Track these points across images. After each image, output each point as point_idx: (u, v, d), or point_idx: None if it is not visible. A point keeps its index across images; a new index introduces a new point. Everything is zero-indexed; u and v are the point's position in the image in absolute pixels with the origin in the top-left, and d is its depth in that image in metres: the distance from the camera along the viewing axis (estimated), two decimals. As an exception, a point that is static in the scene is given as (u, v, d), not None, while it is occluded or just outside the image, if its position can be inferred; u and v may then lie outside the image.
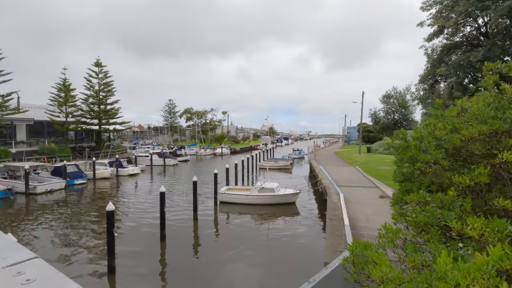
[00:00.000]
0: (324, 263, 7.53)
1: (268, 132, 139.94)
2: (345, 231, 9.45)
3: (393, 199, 3.84)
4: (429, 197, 2.64)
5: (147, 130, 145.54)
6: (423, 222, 2.30)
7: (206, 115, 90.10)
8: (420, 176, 3.60)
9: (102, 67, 41.26)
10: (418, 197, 2.69)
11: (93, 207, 19.77)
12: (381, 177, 20.55)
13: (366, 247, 2.49)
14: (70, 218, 17.27)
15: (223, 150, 63.16)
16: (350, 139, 73.78)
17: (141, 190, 25.77)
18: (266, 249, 12.62)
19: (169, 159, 42.58)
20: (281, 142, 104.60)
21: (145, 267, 10.72)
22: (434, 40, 7.93)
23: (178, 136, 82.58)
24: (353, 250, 2.56)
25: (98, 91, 41.37)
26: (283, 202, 18.76)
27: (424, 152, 3.15)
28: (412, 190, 3.62)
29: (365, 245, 2.51)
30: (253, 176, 32.47)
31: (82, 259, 11.54)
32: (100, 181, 29.63)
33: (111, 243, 9.48)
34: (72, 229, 15.23)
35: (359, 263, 2.50)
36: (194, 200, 15.61)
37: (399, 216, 2.84)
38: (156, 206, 19.26)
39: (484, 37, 8.10)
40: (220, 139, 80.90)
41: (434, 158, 2.77)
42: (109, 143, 45.09)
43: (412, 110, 42.08)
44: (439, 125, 2.88)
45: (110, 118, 42.06)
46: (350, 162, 31.75)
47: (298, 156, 51.93)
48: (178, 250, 12.39)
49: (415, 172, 3.62)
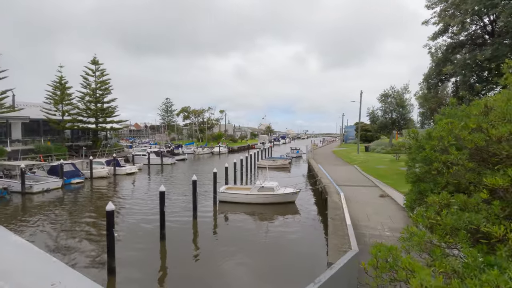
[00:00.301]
0: (328, 263, 7.47)
1: (266, 131, 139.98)
2: (348, 231, 9.39)
3: (407, 200, 3.76)
4: (452, 198, 2.55)
5: (143, 128, 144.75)
6: (450, 226, 2.21)
7: (204, 113, 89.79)
8: (436, 176, 3.52)
9: (99, 65, 40.86)
10: (440, 199, 2.60)
11: (90, 207, 19.55)
12: (380, 176, 20.56)
13: (391, 251, 2.39)
14: (67, 217, 17.06)
15: (220, 149, 62.96)
16: (348, 138, 73.93)
17: (139, 189, 25.57)
18: (267, 250, 12.54)
19: (166, 158, 42.33)
20: (278, 141, 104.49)
21: (146, 268, 10.58)
22: (438, 39, 7.88)
23: (176, 135, 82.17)
24: (376, 254, 2.46)
25: (94, 89, 40.97)
26: (282, 201, 18.69)
27: (444, 152, 3.05)
28: (427, 190, 3.54)
29: (389, 249, 2.41)
30: (251, 175, 32.34)
31: (80, 260, 11.37)
32: (97, 180, 29.34)
33: (111, 243, 9.33)
34: (70, 229, 15.03)
35: (383, 267, 2.40)
36: (193, 199, 15.47)
37: (421, 218, 2.74)
38: (154, 206, 19.12)
39: (489, 35, 8.04)
40: (218, 138, 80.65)
41: (456, 159, 2.67)
42: (106, 142, 44.66)
43: (409, 109, 42.19)
44: (461, 124, 2.78)
45: (107, 116, 41.71)
46: (349, 161, 31.77)
47: (296, 155, 51.90)
48: (178, 250, 12.26)
49: (429, 172, 3.54)
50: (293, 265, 10.92)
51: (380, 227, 11.66)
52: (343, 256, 7.36)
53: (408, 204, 3.55)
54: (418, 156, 3.75)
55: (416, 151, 3.81)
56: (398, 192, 15.21)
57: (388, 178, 19.39)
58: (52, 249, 12.51)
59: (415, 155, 3.87)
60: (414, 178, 3.80)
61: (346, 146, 61.04)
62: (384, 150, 38.19)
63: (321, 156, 39.01)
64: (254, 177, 32.15)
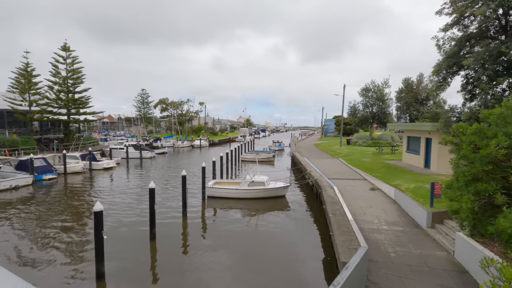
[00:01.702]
0: (342, 263, 7.20)
1: (245, 124, 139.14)
2: (352, 226, 9.21)
3: (465, 202, 3.45)
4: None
5: (117, 121, 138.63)
6: None
7: (182, 106, 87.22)
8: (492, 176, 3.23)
9: (70, 51, 37.94)
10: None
11: (65, 205, 18.12)
12: (367, 169, 20.81)
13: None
14: (40, 217, 15.63)
15: (201, 142, 61.60)
16: (328, 132, 75.15)
17: (118, 185, 24.16)
18: (260, 247, 12.15)
19: (145, 151, 40.61)
20: (258, 134, 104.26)
21: (138, 273, 9.83)
22: (448, 31, 7.75)
23: (153, 128, 79.28)
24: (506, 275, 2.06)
25: (66, 78, 38.09)
26: (273, 196, 18.39)
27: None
28: (487, 191, 3.24)
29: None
30: (235, 169, 31.76)
31: (57, 265, 10.36)
32: (72, 175, 27.45)
33: (100, 247, 8.48)
34: (43, 231, 13.73)
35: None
36: (183, 196, 14.70)
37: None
38: (138, 203, 18.09)
39: (503, 29, 7.99)
40: (198, 131, 78.88)
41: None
42: (79, 135, 41.98)
43: (389, 103, 43.36)
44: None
45: (80, 107, 39.06)
46: (333, 154, 32.08)
47: (278, 148, 51.91)
48: (170, 251, 11.54)
49: (492, 172, 3.25)
50: (290, 263, 10.64)
51: (377, 221, 11.67)
52: (355, 255, 7.12)
53: (465, 207, 3.20)
54: (472, 154, 3.41)
55: (468, 148, 3.48)
56: (388, 185, 15.39)
57: (375, 171, 19.63)
58: (23, 253, 11.32)
59: (467, 153, 3.54)
60: (469, 178, 3.46)
61: (326, 139, 61.98)
62: (365, 143, 39.04)
63: (304, 149, 39.15)
64: (239, 171, 31.65)
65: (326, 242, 12.34)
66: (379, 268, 8.01)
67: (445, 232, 10.05)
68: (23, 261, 10.69)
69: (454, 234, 9.67)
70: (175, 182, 24.58)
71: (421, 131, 19.80)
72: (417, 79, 54.82)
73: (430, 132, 18.61)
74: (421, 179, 15.73)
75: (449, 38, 7.66)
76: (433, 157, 18.35)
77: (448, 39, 7.70)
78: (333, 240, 8.64)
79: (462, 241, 8.31)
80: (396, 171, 19.00)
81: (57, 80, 37.91)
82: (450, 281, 7.52)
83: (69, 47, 37.84)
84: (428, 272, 7.94)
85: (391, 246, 9.38)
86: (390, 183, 15.57)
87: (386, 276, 7.74)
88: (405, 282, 7.52)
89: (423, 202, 11.88)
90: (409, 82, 54.36)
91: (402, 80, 54.77)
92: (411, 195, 12.87)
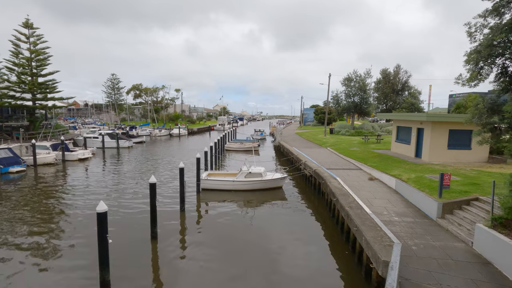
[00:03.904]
0: (383, 262, 6.85)
1: (222, 112, 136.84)
2: (375, 221, 8.94)
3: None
4: None
5: (84, 107, 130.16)
6: None
7: (158, 92, 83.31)
8: None
9: (34, 29, 33.99)
10: None
11: (37, 201, 16.32)
12: (360, 158, 20.95)
13: None
14: (7, 216, 13.90)
15: (180, 130, 59.41)
16: (307, 121, 75.82)
17: (97, 178, 22.31)
18: (268, 243, 11.64)
19: (123, 140, 38.22)
20: (236, 122, 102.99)
21: (143, 278, 8.91)
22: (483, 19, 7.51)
23: (127, 115, 75.13)
24: None
25: (29, 59, 34.25)
26: (270, 187, 17.89)
27: None
28: None
29: None
30: (220, 160, 30.81)
31: (25, 271, 9.16)
32: (42, 167, 25.02)
33: (104, 251, 7.45)
34: (11, 232, 12.18)
35: None
36: (181, 189, 13.68)
37: None
38: (124, 199, 16.74)
39: None
40: (175, 119, 76.00)
41: None
42: (47, 122, 38.41)
43: (370, 93, 44.25)
44: None
45: (47, 92, 35.50)
46: (320, 143, 32.17)
47: (260, 137, 51.40)
48: (173, 252, 10.66)
49: None
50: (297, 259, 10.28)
51: (386, 212, 11.57)
52: (394, 252, 6.81)
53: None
54: None
55: None
56: (388, 176, 15.46)
57: (369, 160, 19.78)
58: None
59: None
60: None
61: (307, 128, 62.44)
62: (348, 132, 39.67)
63: (289, 139, 38.99)
64: (223, 161, 30.80)
65: (332, 234, 12.12)
66: (407, 263, 7.81)
67: (458, 222, 10.14)
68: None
69: (469, 225, 9.80)
70: (162, 174, 23.26)
71: (413, 121, 20.13)
72: (394, 70, 56.70)
73: (423, 123, 18.96)
74: (418, 169, 15.97)
75: (481, 25, 7.41)
76: (425, 147, 18.76)
77: (480, 26, 7.44)
78: (360, 235, 8.30)
79: (484, 232, 8.33)
80: (389, 160, 19.24)
81: (19, 61, 33.95)
82: (477, 274, 7.50)
83: (32, 23, 33.84)
84: (454, 265, 7.88)
85: (410, 239, 9.27)
86: (389, 173, 15.65)
87: (416, 271, 7.55)
88: (435, 276, 7.38)
89: (429, 192, 11.97)
90: (386, 73, 56.06)
91: (380, 71, 56.32)
92: (416, 186, 12.94)
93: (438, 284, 7.06)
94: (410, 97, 51.63)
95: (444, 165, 16.89)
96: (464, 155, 18.17)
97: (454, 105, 23.31)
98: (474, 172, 14.63)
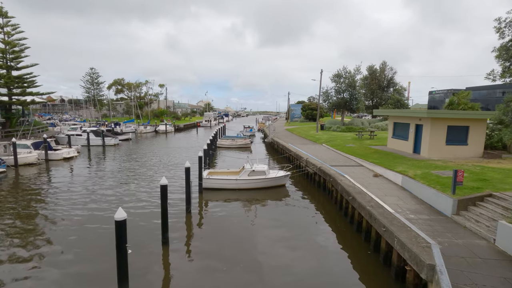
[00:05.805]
0: (429, 265, 6.61)
1: (206, 108, 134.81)
2: (402, 220, 8.75)
3: None
4: None
5: (60, 103, 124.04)
6: None
7: (141, 87, 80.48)
8: None
9: (8, 18, 31.46)
10: None
11: (19, 205, 15.06)
12: (360, 155, 20.95)
13: None
14: None
15: (167, 127, 57.74)
16: (294, 117, 76.03)
17: (85, 178, 20.98)
18: (281, 249, 11.27)
19: (108, 138, 36.49)
20: (222, 118, 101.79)
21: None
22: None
23: (109, 111, 72.10)
24: None
25: (4, 51, 31.72)
26: (273, 185, 17.50)
27: None
28: None
29: None
30: (211, 157, 30.06)
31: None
32: (24, 168, 23.31)
33: (123, 262, 6.77)
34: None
35: None
36: (187, 190, 12.97)
37: None
38: (123, 200, 15.78)
39: None
40: (160, 115, 73.81)
41: None
42: (24, 119, 35.95)
43: (359, 90, 44.72)
44: None
45: (25, 87, 33.12)
46: (314, 140, 32.10)
47: (250, 134, 50.92)
48: (184, 257, 10.04)
49: None
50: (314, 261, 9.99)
51: (400, 210, 11.47)
52: (436, 255, 6.60)
53: None
54: None
55: None
56: (393, 172, 15.45)
57: (369, 157, 19.80)
58: None
59: None
60: None
61: (295, 124, 62.52)
62: (339, 128, 39.95)
63: (281, 135, 38.73)
64: (217, 159, 30.10)
65: (345, 232, 11.93)
66: (438, 263, 7.67)
67: (474, 219, 10.16)
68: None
69: (487, 221, 9.85)
70: (159, 174, 22.31)
71: (411, 117, 20.34)
72: (380, 67, 57.75)
73: (422, 119, 19.17)
74: (421, 165, 16.08)
75: (510, 21, 7.32)
76: (424, 143, 18.99)
77: (509, 22, 7.35)
78: (391, 236, 8.05)
79: (507, 229, 8.34)
80: (389, 156, 19.34)
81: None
82: (508, 273, 7.47)
83: (7, 12, 31.31)
84: (483, 264, 7.81)
85: (432, 237, 9.14)
86: (394, 170, 15.66)
87: (450, 271, 7.42)
88: (469, 276, 7.26)
89: (440, 189, 11.99)
90: (373, 69, 57.01)
91: (366, 68, 57.16)
92: (425, 183, 12.95)
93: (474, 284, 6.93)
94: (395, 93, 52.86)
95: (444, 161, 17.15)
96: (461, 151, 18.56)
97: (447, 101, 23.83)
98: (477, 167, 14.90)
